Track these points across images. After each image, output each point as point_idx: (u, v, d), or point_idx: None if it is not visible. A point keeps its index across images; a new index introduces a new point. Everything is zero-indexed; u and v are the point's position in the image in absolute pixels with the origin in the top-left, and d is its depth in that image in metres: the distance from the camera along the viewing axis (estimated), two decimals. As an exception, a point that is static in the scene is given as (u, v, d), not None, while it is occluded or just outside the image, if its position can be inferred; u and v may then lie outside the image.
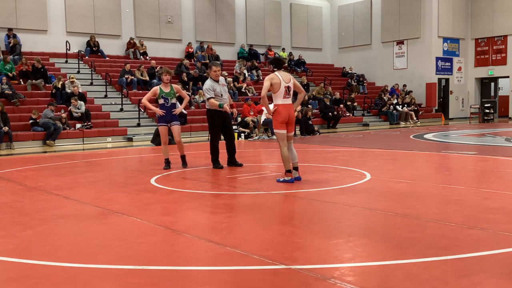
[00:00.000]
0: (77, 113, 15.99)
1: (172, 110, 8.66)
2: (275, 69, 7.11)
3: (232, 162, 8.83)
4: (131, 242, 4.20)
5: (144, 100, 8.78)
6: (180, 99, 9.35)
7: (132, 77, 19.22)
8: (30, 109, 15.46)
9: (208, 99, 8.58)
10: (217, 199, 6.19)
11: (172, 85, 8.78)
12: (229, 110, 8.61)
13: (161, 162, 8.97)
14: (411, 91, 24.96)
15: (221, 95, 8.61)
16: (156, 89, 8.70)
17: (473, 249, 3.73)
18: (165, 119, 8.66)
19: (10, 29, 19.01)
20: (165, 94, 8.62)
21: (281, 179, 7.06)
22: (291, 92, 7.14)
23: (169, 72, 8.73)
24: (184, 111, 17.62)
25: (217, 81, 8.64)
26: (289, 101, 7.11)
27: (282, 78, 7.00)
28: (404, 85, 25.80)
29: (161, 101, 8.65)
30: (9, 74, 16.93)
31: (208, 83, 8.64)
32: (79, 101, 16.19)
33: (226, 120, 8.77)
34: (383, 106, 23.54)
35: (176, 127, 8.73)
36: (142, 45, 22.33)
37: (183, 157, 8.94)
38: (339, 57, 29.73)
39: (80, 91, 17.10)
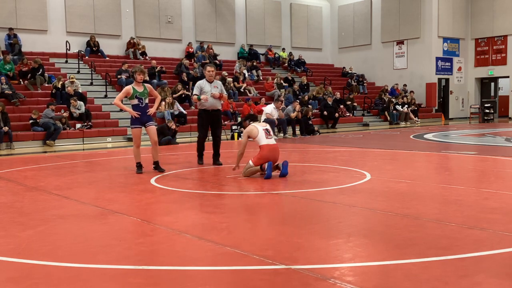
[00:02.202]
0: (76, 113, 15.98)
1: (147, 111, 8.22)
2: (251, 122, 7.76)
3: (215, 159, 9.18)
4: (131, 242, 4.20)
5: (117, 101, 8.20)
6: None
7: (127, 74, 19.11)
8: (30, 109, 15.46)
9: (192, 95, 9.30)
10: (217, 199, 6.18)
11: (145, 84, 8.32)
12: (206, 99, 8.79)
13: (161, 162, 8.78)
14: (412, 91, 24.95)
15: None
16: (128, 88, 8.13)
17: (473, 249, 3.73)
18: (141, 121, 8.18)
19: (11, 29, 19.01)
20: (139, 94, 8.10)
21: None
22: (272, 133, 7.68)
23: (143, 72, 8.34)
24: (184, 111, 17.63)
25: (210, 82, 8.97)
26: (272, 141, 7.58)
27: (257, 125, 7.64)
28: (404, 85, 25.80)
29: (134, 101, 8.12)
30: (9, 74, 16.92)
31: (199, 81, 9.14)
32: (78, 102, 16.19)
33: (215, 121, 9.11)
34: (385, 108, 23.41)
35: (153, 128, 8.33)
36: (139, 44, 22.31)
37: (157, 163, 8.40)
38: (339, 57, 29.73)
39: (79, 91, 17.12)
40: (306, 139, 15.47)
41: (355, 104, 23.52)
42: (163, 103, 16.72)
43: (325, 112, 20.45)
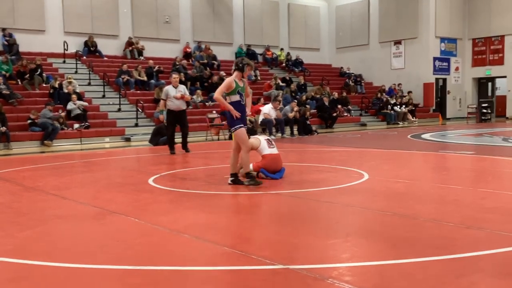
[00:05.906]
0: (76, 111, 15.92)
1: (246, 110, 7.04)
2: (250, 136, 7.55)
3: (184, 147, 11.61)
4: (129, 242, 4.20)
5: (219, 96, 6.85)
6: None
7: (128, 76, 19.14)
8: (28, 109, 15.43)
9: (161, 99, 11.74)
10: (215, 199, 6.18)
11: (244, 79, 7.03)
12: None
13: (159, 162, 8.81)
14: (410, 91, 24.96)
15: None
16: (231, 82, 6.82)
17: (470, 249, 3.74)
18: (242, 120, 6.88)
19: (4, 29, 18.88)
20: (241, 89, 6.89)
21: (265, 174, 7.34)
22: (274, 143, 7.66)
23: (252, 66, 7.08)
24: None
25: (175, 87, 11.24)
26: (275, 150, 7.50)
27: (258, 137, 7.69)
28: (399, 84, 25.81)
29: (235, 97, 6.84)
30: (6, 74, 16.87)
31: (167, 87, 11.53)
32: (78, 101, 16.18)
33: (181, 119, 11.42)
34: (382, 107, 23.46)
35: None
36: (137, 43, 22.27)
37: (236, 175, 7.01)
38: (336, 57, 29.73)
39: (77, 91, 17.08)
40: (304, 139, 15.47)
41: (350, 105, 23.48)
42: (161, 102, 16.68)
43: (327, 114, 20.40)
